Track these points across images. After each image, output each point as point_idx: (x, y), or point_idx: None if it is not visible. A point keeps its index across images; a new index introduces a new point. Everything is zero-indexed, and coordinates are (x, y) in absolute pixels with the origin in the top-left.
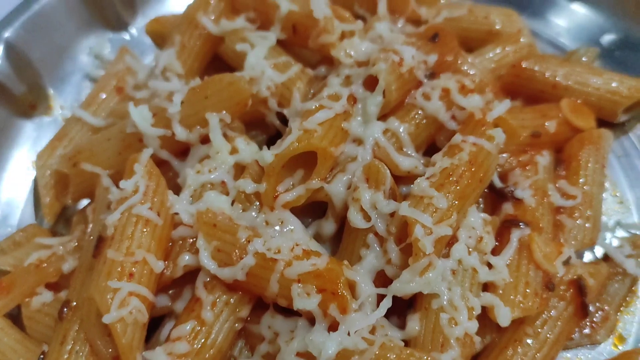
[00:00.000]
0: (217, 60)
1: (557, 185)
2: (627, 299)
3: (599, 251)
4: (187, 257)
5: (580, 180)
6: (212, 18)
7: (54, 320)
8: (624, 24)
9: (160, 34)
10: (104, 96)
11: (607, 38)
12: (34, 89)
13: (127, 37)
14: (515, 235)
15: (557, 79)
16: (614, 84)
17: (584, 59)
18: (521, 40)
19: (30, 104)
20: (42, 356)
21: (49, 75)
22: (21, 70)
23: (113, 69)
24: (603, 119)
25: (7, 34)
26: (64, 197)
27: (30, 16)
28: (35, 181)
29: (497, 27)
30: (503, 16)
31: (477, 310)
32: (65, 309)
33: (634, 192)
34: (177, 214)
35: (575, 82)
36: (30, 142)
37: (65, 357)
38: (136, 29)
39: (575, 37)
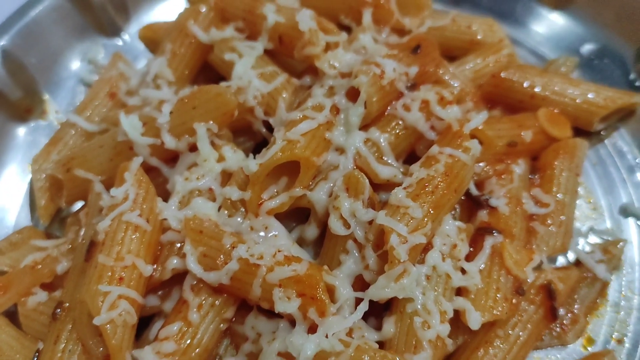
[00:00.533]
0: (207, 67)
1: (531, 193)
2: (597, 301)
3: (571, 256)
4: (175, 261)
5: (554, 189)
6: (202, 27)
7: (48, 319)
8: (602, 34)
9: (153, 40)
10: (97, 102)
11: (587, 47)
12: (29, 94)
13: (120, 42)
14: (489, 242)
15: (535, 89)
16: (590, 95)
17: (562, 68)
18: (502, 51)
19: (26, 108)
20: (37, 354)
21: (44, 81)
22: (17, 75)
23: (106, 75)
24: (580, 127)
25: (2, 41)
26: (59, 200)
27: (25, 23)
28: (31, 184)
29: (479, 36)
30: (485, 26)
31: (450, 314)
32: (59, 310)
33: (608, 199)
34: (165, 219)
35: (553, 92)
36: (26, 145)
37: (59, 355)
38: (129, 35)
39: (555, 46)
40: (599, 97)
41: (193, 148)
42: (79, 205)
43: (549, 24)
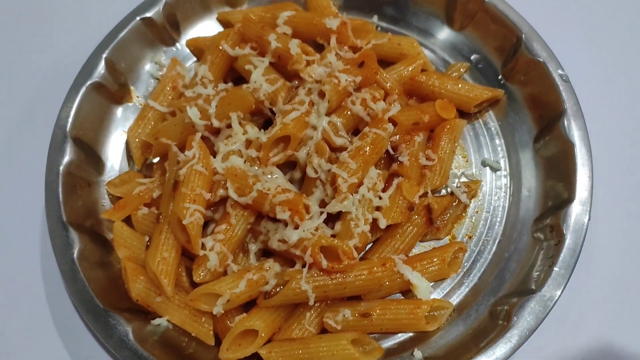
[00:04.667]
0: (233, 70)
1: (426, 153)
2: (460, 215)
3: (449, 190)
4: (221, 191)
5: (439, 150)
6: (230, 45)
7: (151, 223)
8: (484, 49)
9: (196, 48)
10: (164, 92)
11: (474, 56)
12: (121, 87)
13: (174, 49)
14: (395, 181)
15: (435, 88)
16: (468, 93)
17: (454, 74)
18: (418, 61)
19: (120, 96)
20: (148, 241)
21: (130, 77)
22: (113, 75)
23: (168, 73)
24: (463, 110)
25: (105, 54)
26: (147, 154)
27: (118, 40)
28: (127, 144)
29: (405, 51)
30: (409, 44)
31: (370, 221)
32: (160, 217)
33: (475, 156)
34: (215, 168)
35: (445, 89)
36: (121, 119)
37: (163, 240)
38: (180, 45)
39: (456, 55)
40: (473, 92)
41: (229, 126)
42: (156, 160)
43: (453, 40)
